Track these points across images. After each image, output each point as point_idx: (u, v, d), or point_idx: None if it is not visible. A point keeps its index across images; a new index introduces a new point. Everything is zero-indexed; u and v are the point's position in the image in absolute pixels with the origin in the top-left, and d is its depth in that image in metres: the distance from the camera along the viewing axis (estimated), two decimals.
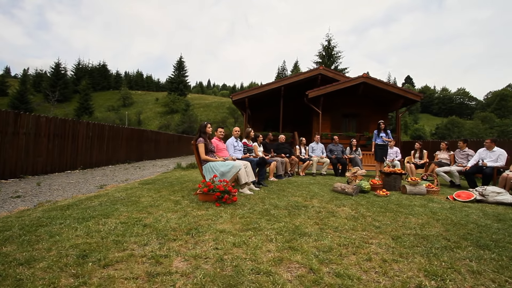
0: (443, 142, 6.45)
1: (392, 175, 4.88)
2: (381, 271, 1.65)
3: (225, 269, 1.62)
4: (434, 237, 2.32)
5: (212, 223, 2.50)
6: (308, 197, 3.92)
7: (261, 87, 12.13)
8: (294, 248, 1.96)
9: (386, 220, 2.82)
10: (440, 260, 1.83)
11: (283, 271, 1.61)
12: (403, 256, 1.89)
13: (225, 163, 3.82)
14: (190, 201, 3.40)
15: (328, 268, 1.67)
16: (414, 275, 1.60)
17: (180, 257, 1.78)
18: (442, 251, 2.00)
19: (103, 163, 8.85)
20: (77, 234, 2.13)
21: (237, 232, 2.27)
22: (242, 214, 2.84)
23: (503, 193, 3.96)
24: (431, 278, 1.57)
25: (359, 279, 1.55)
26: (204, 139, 3.91)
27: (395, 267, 1.71)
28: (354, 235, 2.30)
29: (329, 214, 3.01)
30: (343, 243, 2.09)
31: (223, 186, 3.28)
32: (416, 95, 11.03)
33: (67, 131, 7.23)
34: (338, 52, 30.95)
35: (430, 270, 1.66)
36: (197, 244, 1.99)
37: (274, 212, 3.00)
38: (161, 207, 3.06)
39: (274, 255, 1.83)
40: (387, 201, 3.88)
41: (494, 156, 5.28)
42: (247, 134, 5.62)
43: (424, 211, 3.29)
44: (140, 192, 3.98)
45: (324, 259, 1.79)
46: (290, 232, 2.32)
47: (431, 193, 4.58)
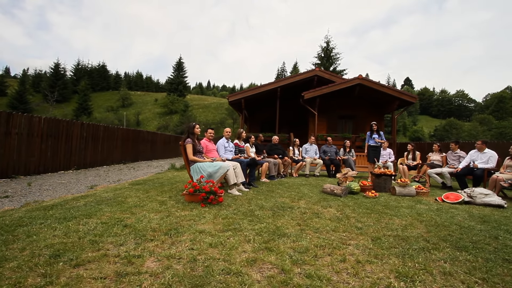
0: (435, 144, 6.46)
1: (382, 176, 4.88)
2: (353, 272, 1.65)
3: (196, 269, 1.62)
4: (414, 238, 2.32)
5: (193, 224, 2.50)
6: (296, 198, 3.92)
7: (257, 88, 12.15)
8: (270, 249, 1.95)
9: (369, 221, 2.82)
10: (415, 261, 1.83)
11: (254, 272, 1.61)
12: (378, 257, 1.89)
13: (213, 164, 3.82)
14: (176, 202, 3.40)
15: (300, 269, 1.66)
16: (385, 276, 1.60)
17: (154, 257, 1.77)
18: (419, 252, 2.00)
19: (98, 163, 8.84)
20: (55, 234, 2.13)
21: (216, 233, 2.27)
22: (225, 215, 2.84)
23: (491, 194, 3.96)
24: (401, 279, 1.57)
25: (329, 280, 1.55)
26: (192, 139, 3.91)
27: (368, 268, 1.71)
28: (333, 236, 2.30)
29: (313, 215, 3.01)
30: (321, 244, 2.09)
31: (209, 187, 3.28)
32: (412, 96, 11.05)
33: (60, 131, 7.22)
34: (336, 53, 31.03)
35: (402, 271, 1.66)
36: (173, 245, 1.99)
37: (258, 213, 3.00)
38: (145, 208, 3.06)
39: (249, 256, 1.83)
40: (375, 202, 3.88)
41: (485, 157, 5.28)
42: (238, 135, 5.62)
43: (409, 213, 3.28)
44: (128, 193, 3.97)
45: (298, 260, 1.79)
46: (270, 233, 2.32)
47: (420, 194, 4.58)
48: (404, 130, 44.70)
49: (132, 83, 72.94)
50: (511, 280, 1.60)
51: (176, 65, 53.04)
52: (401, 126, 45.23)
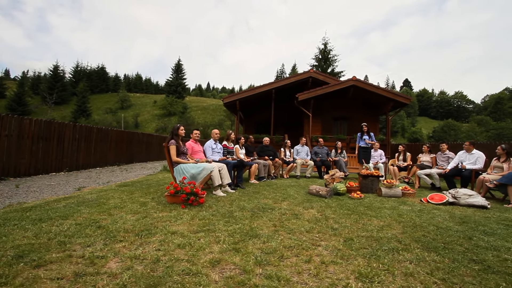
0: (425, 145, 6.46)
1: (369, 177, 4.88)
2: (314, 273, 1.65)
3: (156, 270, 1.62)
4: (387, 239, 2.32)
5: (168, 225, 2.50)
6: (279, 200, 3.91)
7: (252, 90, 12.18)
8: (238, 250, 1.95)
9: (347, 222, 2.82)
10: (380, 262, 1.83)
11: (214, 273, 1.61)
12: (344, 258, 1.89)
13: (196, 165, 3.83)
14: (157, 203, 3.40)
15: (262, 270, 1.66)
16: (344, 277, 1.60)
17: (118, 258, 1.77)
18: (387, 253, 2.00)
19: (91, 165, 8.84)
20: (25, 235, 2.13)
21: (188, 234, 2.27)
22: (203, 216, 2.84)
23: (475, 195, 3.96)
24: (360, 280, 1.57)
25: (288, 280, 1.55)
26: (176, 141, 3.92)
27: (331, 269, 1.71)
28: (305, 237, 2.30)
29: (292, 216, 3.01)
30: (290, 245, 2.09)
31: (190, 188, 3.28)
32: (405, 98, 11.07)
33: (52, 133, 7.23)
34: (334, 55, 31.11)
35: (364, 272, 1.65)
36: (141, 245, 1.99)
37: (237, 214, 3.00)
38: (124, 209, 3.06)
39: (214, 257, 1.83)
40: (359, 203, 3.88)
41: (472, 158, 5.29)
42: (227, 137, 5.63)
43: (390, 214, 3.28)
44: (112, 194, 3.97)
45: (263, 260, 1.79)
46: (243, 234, 2.32)
47: (406, 195, 4.58)
48: (403, 131, 44.73)
49: (132, 85, 73.08)
50: (471, 281, 1.60)
51: (175, 67, 53.18)
52: (400, 127, 45.27)
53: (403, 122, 47.60)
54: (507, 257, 1.97)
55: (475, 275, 1.66)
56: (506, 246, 2.23)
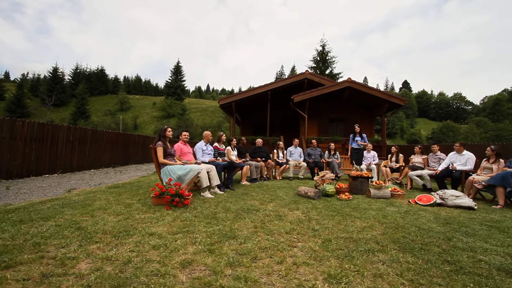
0: (417, 146, 6.47)
1: (359, 178, 4.88)
2: (283, 274, 1.65)
3: (125, 271, 1.62)
4: (365, 240, 2.32)
5: (148, 226, 2.50)
6: (266, 201, 3.91)
7: (248, 92, 12.21)
8: (212, 251, 1.95)
9: (329, 224, 2.82)
10: (352, 263, 1.82)
11: (183, 274, 1.61)
12: (318, 259, 1.89)
13: (183, 166, 3.83)
14: (142, 205, 3.40)
15: (231, 271, 1.66)
16: (313, 278, 1.60)
17: (90, 259, 1.77)
18: (362, 254, 2.00)
19: (85, 167, 8.84)
20: (1, 236, 2.13)
21: (166, 235, 2.27)
22: (185, 217, 2.84)
23: (462, 196, 3.96)
24: (328, 281, 1.57)
25: (256, 281, 1.55)
26: (163, 142, 3.92)
27: (301, 270, 1.71)
28: (283, 238, 2.30)
29: (276, 217, 3.01)
30: (266, 246, 2.09)
31: (175, 189, 3.29)
32: (400, 99, 11.09)
33: (45, 135, 7.24)
34: (332, 57, 31.21)
35: (334, 273, 1.65)
36: (116, 247, 1.99)
37: (220, 215, 3.00)
38: (108, 210, 3.06)
39: (186, 258, 1.83)
40: (346, 204, 3.88)
41: (463, 159, 5.29)
42: (218, 138, 5.64)
43: (375, 215, 3.28)
44: (99, 196, 3.97)
45: (235, 262, 1.79)
46: (221, 235, 2.32)
47: (396, 196, 4.58)
48: (402, 133, 44.74)
49: (131, 87, 73.21)
50: (439, 282, 1.60)
51: (174, 69, 53.33)
52: (399, 129, 45.28)
53: (402, 124, 47.62)
54: (482, 258, 1.97)
55: (445, 276, 1.66)
56: (484, 247, 2.23)
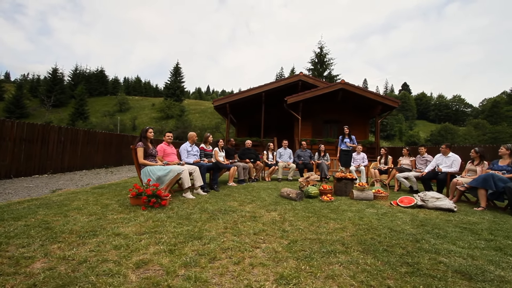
0: (405, 148, 6.47)
1: (343, 180, 4.88)
2: (236, 274, 1.65)
3: (78, 270, 1.62)
4: (332, 241, 2.32)
5: (118, 226, 2.50)
6: (246, 202, 3.91)
7: (242, 93, 12.23)
8: (172, 251, 1.96)
9: (301, 225, 2.82)
10: (309, 264, 1.82)
11: (135, 274, 1.61)
12: (276, 260, 1.89)
13: (163, 167, 3.84)
14: (120, 205, 3.40)
15: (185, 271, 1.66)
16: (263, 279, 1.60)
17: (46, 258, 1.78)
18: (323, 255, 2.00)
19: (77, 167, 8.84)
20: None
21: (132, 235, 2.27)
22: (158, 218, 2.84)
23: (442, 198, 3.96)
24: (277, 282, 1.57)
25: (206, 282, 1.55)
26: (144, 143, 3.93)
27: (255, 271, 1.71)
28: (249, 239, 2.30)
29: (250, 218, 3.01)
30: (229, 247, 2.09)
31: (151, 190, 3.29)
32: (394, 101, 11.11)
33: (35, 135, 7.25)
34: (330, 59, 31.28)
35: (286, 274, 1.65)
36: (78, 246, 2.00)
37: (195, 216, 3.00)
38: (84, 211, 3.06)
39: (145, 258, 1.83)
40: (326, 206, 3.88)
41: (449, 161, 5.29)
42: (205, 139, 5.65)
43: (352, 216, 3.28)
44: (80, 196, 3.98)
45: (191, 262, 1.79)
46: (188, 235, 2.32)
47: (379, 198, 4.57)
48: (400, 135, 44.74)
49: (131, 88, 73.38)
50: (391, 283, 1.60)
51: (174, 70, 53.47)
52: (397, 131, 45.27)
53: (400, 126, 47.62)
54: (443, 260, 1.97)
55: (398, 278, 1.66)
56: (450, 249, 2.23)
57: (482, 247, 2.32)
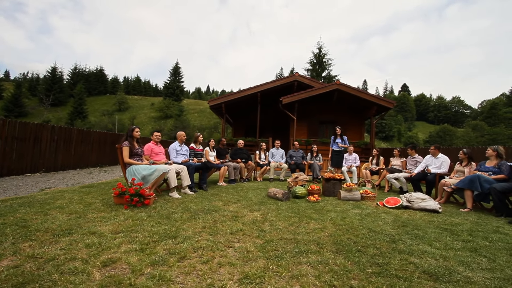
0: (396, 149, 6.47)
1: (331, 180, 4.89)
2: (201, 274, 1.65)
3: (43, 268, 1.62)
4: (307, 241, 2.32)
5: (95, 225, 2.50)
6: (232, 202, 3.92)
7: (237, 93, 12.24)
8: (143, 250, 1.96)
9: (281, 225, 2.82)
10: (278, 264, 1.83)
11: (100, 272, 1.62)
12: (246, 259, 1.89)
13: (148, 166, 3.84)
14: (103, 204, 3.40)
15: (151, 270, 1.67)
16: (227, 278, 1.60)
17: (15, 256, 1.78)
18: (294, 255, 2.00)
19: (70, 166, 8.84)
20: None
21: (108, 234, 2.28)
22: (139, 217, 2.84)
23: (427, 199, 3.96)
24: (240, 282, 1.57)
25: (169, 280, 1.56)
26: (129, 142, 3.94)
27: (221, 270, 1.71)
28: (224, 239, 2.30)
29: (231, 218, 3.01)
30: (202, 246, 2.09)
31: (134, 189, 3.29)
32: (389, 102, 11.11)
33: (28, 134, 7.25)
34: (329, 59, 31.30)
35: (251, 273, 1.66)
36: (49, 244, 2.00)
37: (176, 215, 3.00)
38: (65, 209, 3.06)
39: (113, 256, 1.83)
40: (311, 206, 3.88)
41: (438, 162, 5.29)
42: (195, 139, 5.65)
43: (335, 217, 3.28)
44: (66, 195, 3.98)
45: (159, 261, 1.79)
46: (163, 235, 2.32)
47: (366, 199, 4.58)
48: (399, 136, 44.74)
49: (130, 88, 73.38)
50: (354, 283, 1.60)
51: (173, 70, 53.48)
52: (396, 132, 45.29)
53: (399, 127, 47.64)
54: (414, 261, 1.98)
55: (363, 278, 1.66)
56: (424, 249, 2.23)
57: (458, 248, 2.32)
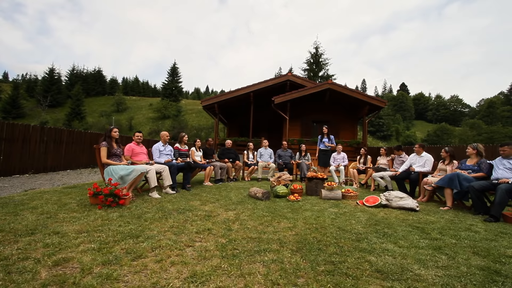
0: (382, 148, 6.48)
1: (313, 180, 4.89)
2: (150, 273, 1.65)
3: None
4: (271, 240, 2.33)
5: (61, 225, 2.51)
6: (210, 201, 3.92)
7: (230, 93, 12.24)
8: (100, 250, 1.96)
9: (251, 224, 2.82)
10: (231, 263, 1.83)
11: (48, 271, 1.62)
12: (201, 258, 1.89)
13: (126, 166, 3.85)
14: (78, 205, 3.41)
15: (100, 269, 1.67)
16: (174, 277, 1.60)
17: None
18: (251, 254, 2.00)
19: (61, 167, 8.85)
20: None
21: (71, 234, 2.28)
22: (109, 217, 2.85)
23: (405, 198, 3.97)
24: (186, 280, 1.57)
25: (115, 279, 1.56)
26: (108, 143, 3.94)
27: (171, 269, 1.71)
28: (187, 238, 2.31)
29: (203, 217, 3.02)
30: (161, 245, 2.10)
31: (109, 189, 3.30)
32: (381, 101, 11.11)
33: (16, 135, 7.26)
34: (325, 59, 31.31)
35: (200, 272, 1.66)
36: (7, 245, 2.00)
37: (148, 215, 3.01)
38: (38, 210, 3.06)
39: (68, 256, 1.83)
40: (289, 206, 3.89)
41: (422, 161, 5.30)
42: (180, 139, 5.65)
43: (309, 216, 3.29)
44: (46, 196, 3.98)
45: (112, 260, 1.80)
46: (127, 234, 2.33)
47: (348, 197, 4.58)
48: (397, 135, 44.74)
49: (128, 88, 73.34)
50: (300, 282, 1.60)
51: (171, 70, 53.42)
52: (394, 131, 45.28)
53: (397, 126, 47.61)
54: (371, 259, 1.98)
55: (311, 277, 1.66)
56: (386, 248, 2.24)
57: (421, 246, 2.33)
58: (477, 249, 2.32)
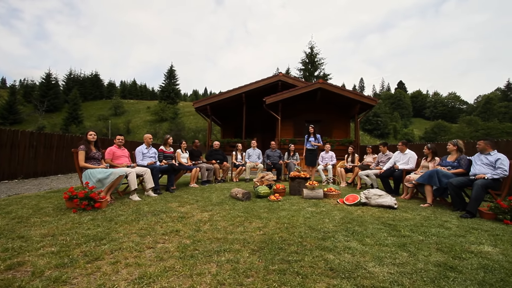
0: (368, 147, 6.49)
1: (296, 179, 4.90)
2: (100, 275, 1.66)
3: None
4: (235, 241, 2.33)
5: (30, 229, 2.51)
6: (188, 203, 3.93)
7: (221, 94, 12.27)
8: (58, 253, 1.97)
9: (222, 225, 2.83)
10: (186, 263, 1.84)
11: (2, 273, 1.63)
12: (157, 260, 1.90)
13: (104, 170, 3.85)
14: (54, 209, 3.41)
15: (51, 272, 1.68)
16: (121, 279, 1.61)
17: None
18: (209, 254, 2.01)
19: (52, 172, 8.85)
20: None
21: (35, 238, 2.29)
22: (81, 221, 2.85)
23: (384, 195, 3.98)
24: (134, 282, 1.58)
25: (64, 281, 1.57)
26: (86, 146, 3.95)
27: (123, 271, 1.72)
28: (152, 239, 2.32)
29: (177, 219, 3.02)
30: (122, 248, 2.10)
31: (84, 192, 3.31)
32: (372, 100, 11.13)
33: (4, 140, 7.27)
34: (321, 59, 31.37)
35: (150, 273, 1.67)
36: None
37: (121, 218, 3.01)
38: (10, 215, 3.07)
39: (24, 260, 1.84)
40: (267, 206, 3.89)
41: (405, 158, 5.31)
42: (164, 141, 5.66)
43: (284, 215, 3.29)
44: (25, 200, 3.99)
45: (67, 263, 1.80)
46: (90, 237, 2.33)
47: (329, 196, 4.59)
48: (395, 133, 44.79)
49: (126, 92, 73.47)
50: (247, 281, 1.61)
51: (168, 72, 53.55)
52: (392, 129, 45.34)
53: (395, 124, 47.69)
54: (328, 258, 1.99)
55: (260, 276, 1.67)
56: (349, 246, 2.25)
57: (386, 244, 2.33)
58: (441, 245, 2.32)
